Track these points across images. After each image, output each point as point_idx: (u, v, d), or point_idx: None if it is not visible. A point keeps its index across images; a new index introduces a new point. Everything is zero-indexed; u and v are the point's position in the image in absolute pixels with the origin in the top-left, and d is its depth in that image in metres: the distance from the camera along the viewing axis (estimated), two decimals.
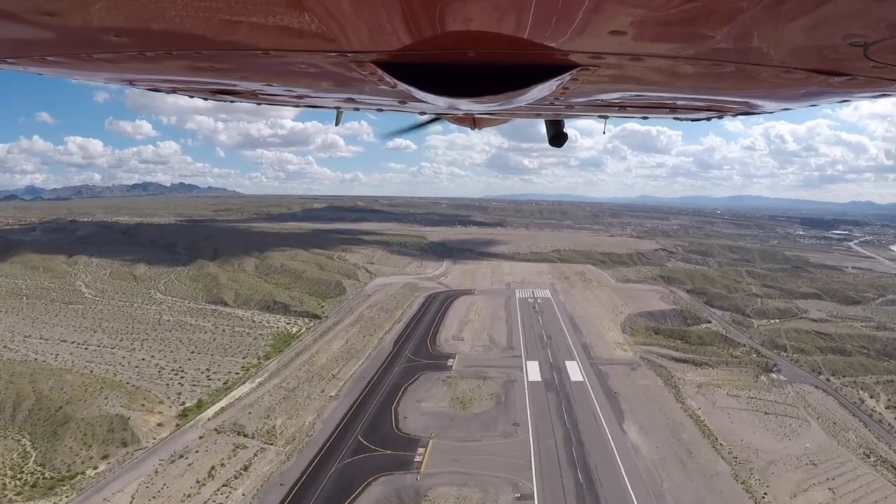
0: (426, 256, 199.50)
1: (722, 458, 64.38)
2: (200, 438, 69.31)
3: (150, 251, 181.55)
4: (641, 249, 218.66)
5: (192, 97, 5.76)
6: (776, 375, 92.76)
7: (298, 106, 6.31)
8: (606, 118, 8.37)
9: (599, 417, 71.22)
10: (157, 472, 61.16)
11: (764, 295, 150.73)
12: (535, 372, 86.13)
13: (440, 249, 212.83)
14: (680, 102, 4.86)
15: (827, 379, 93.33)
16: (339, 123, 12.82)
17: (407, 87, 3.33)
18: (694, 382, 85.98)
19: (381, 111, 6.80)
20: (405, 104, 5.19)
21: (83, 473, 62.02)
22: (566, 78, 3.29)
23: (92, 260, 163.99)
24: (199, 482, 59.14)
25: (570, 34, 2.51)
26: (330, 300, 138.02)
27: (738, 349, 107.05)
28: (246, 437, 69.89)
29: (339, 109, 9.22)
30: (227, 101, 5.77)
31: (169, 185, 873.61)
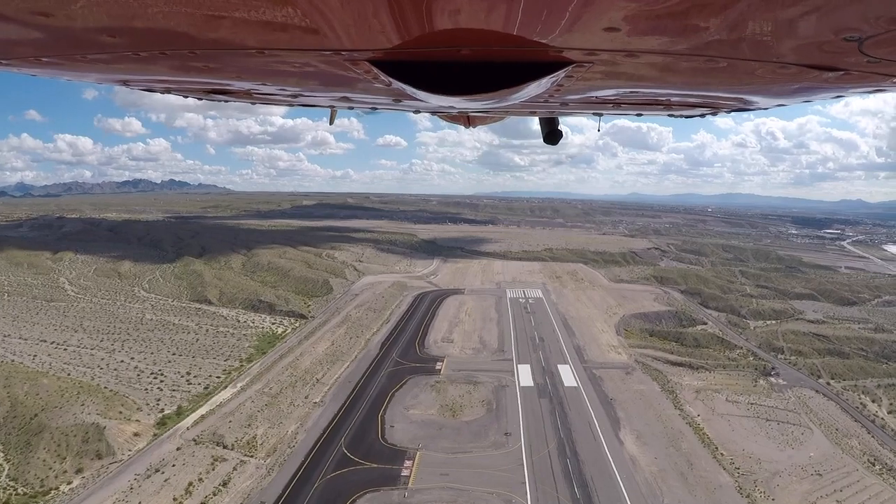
0: (416, 254, 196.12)
1: (724, 469, 61.37)
2: (178, 450, 65.66)
3: (136, 248, 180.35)
4: (634, 248, 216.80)
5: (186, 97, 5.78)
6: (775, 379, 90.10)
7: (293, 105, 6.24)
8: (601, 115, 7.89)
9: (595, 426, 67.96)
10: (132, 488, 57.59)
11: (759, 296, 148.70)
12: (527, 376, 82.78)
13: (430, 247, 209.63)
14: (674, 99, 4.82)
15: (827, 383, 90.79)
16: (333, 122, 12.65)
17: (401, 85, 3.31)
18: (691, 387, 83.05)
19: (375, 109, 6.75)
20: (400, 102, 5.06)
21: (57, 489, 58.65)
22: (560, 75, 3.25)
23: (77, 257, 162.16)
24: (175, 500, 55.63)
25: (563, 31, 2.51)
26: (317, 299, 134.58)
27: (734, 352, 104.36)
28: (225, 448, 66.31)
29: (333, 108, 9.17)
30: (220, 100, 5.79)
31: (159, 182, 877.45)
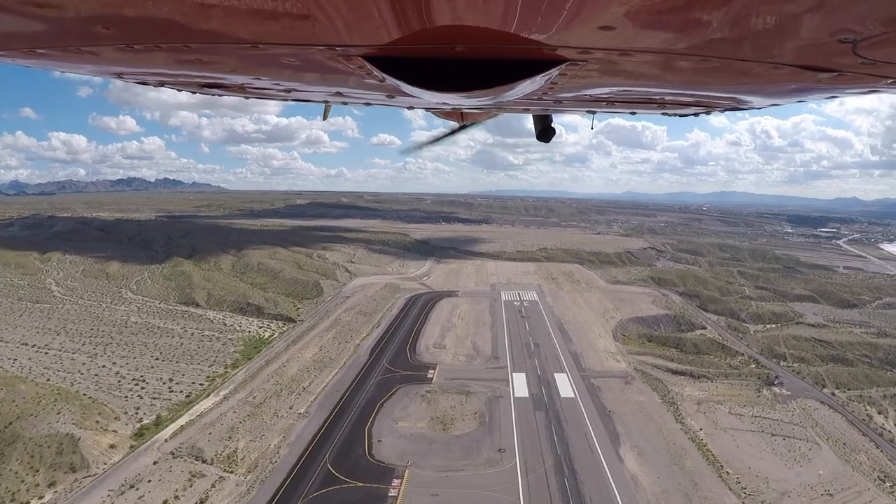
0: (409, 255, 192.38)
1: (730, 489, 57.93)
2: (155, 464, 62.06)
3: (125, 248, 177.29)
4: (630, 248, 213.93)
5: (179, 90, 5.76)
6: (779, 389, 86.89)
7: (286, 100, 6.16)
8: (594, 113, 7.51)
9: (593, 441, 64.42)
10: None
11: (758, 298, 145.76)
12: (521, 386, 79.19)
13: (423, 248, 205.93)
14: (668, 98, 4.81)
15: (832, 393, 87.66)
16: (326, 118, 12.37)
17: (395, 81, 3.30)
18: (693, 398, 79.69)
19: (368, 105, 6.62)
20: (393, 98, 5.06)
21: None
22: (554, 73, 3.27)
23: (66, 257, 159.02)
24: None
25: (558, 29, 2.51)
26: (306, 301, 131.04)
27: (735, 358, 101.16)
28: (204, 462, 62.62)
29: (326, 103, 8.92)
30: (214, 94, 5.70)
31: (153, 180, 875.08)
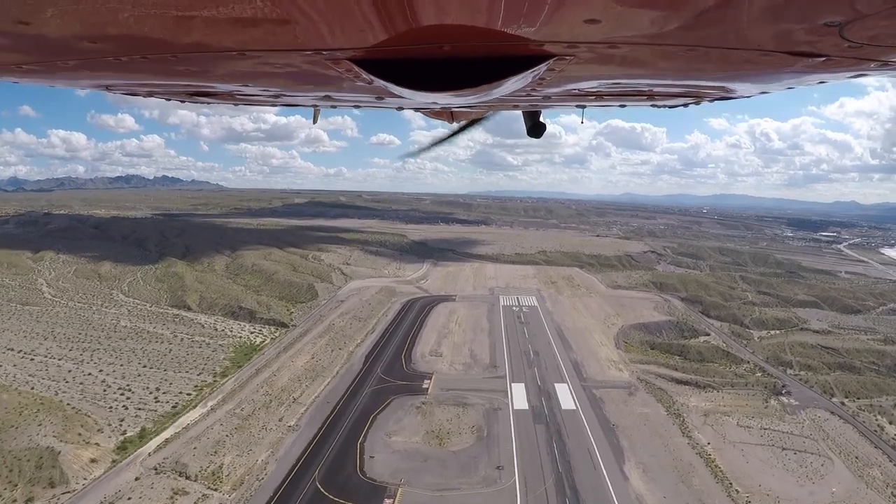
0: (406, 257, 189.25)
1: None
2: (136, 480, 59.28)
3: (119, 247, 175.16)
4: (630, 251, 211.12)
5: (168, 100, 5.71)
6: (787, 399, 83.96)
7: (275, 105, 6.22)
8: (584, 107, 7.38)
9: (596, 457, 61.31)
10: None
11: (761, 303, 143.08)
12: (521, 397, 76.06)
13: (421, 249, 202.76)
14: (657, 89, 4.77)
15: (841, 402, 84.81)
16: (316, 121, 12.01)
17: (384, 83, 3.32)
18: (699, 409, 76.66)
19: (358, 108, 6.69)
20: (382, 100, 5.08)
21: None
22: (542, 69, 3.26)
23: (59, 256, 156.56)
24: None
25: (543, 24, 2.50)
26: (300, 305, 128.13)
27: (741, 366, 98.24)
28: (188, 479, 59.67)
29: (316, 107, 8.90)
30: (203, 102, 5.72)
31: (152, 178, 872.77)
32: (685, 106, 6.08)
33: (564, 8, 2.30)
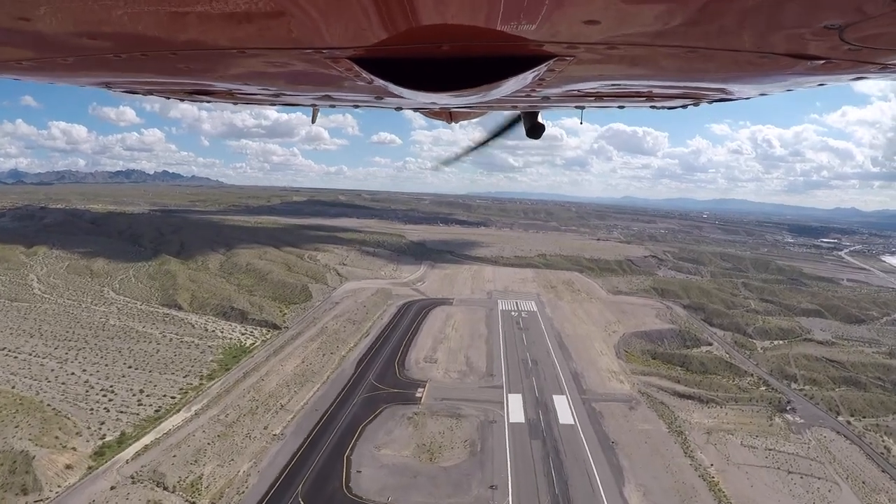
0: (403, 258, 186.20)
1: None
2: (112, 490, 56.49)
3: (114, 243, 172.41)
4: (630, 256, 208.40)
5: (168, 98, 5.70)
6: (791, 416, 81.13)
7: (274, 104, 6.18)
8: (583, 108, 7.44)
9: (594, 478, 58.33)
10: None
11: (764, 311, 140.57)
12: (517, 409, 73.11)
13: (419, 250, 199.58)
14: (656, 90, 4.78)
15: (847, 421, 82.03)
16: (315, 120, 11.88)
17: (383, 82, 3.32)
18: (702, 426, 73.79)
19: (357, 107, 6.63)
20: (382, 100, 5.04)
21: None
22: (542, 69, 3.27)
23: (52, 251, 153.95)
24: None
25: (543, 25, 2.51)
26: (294, 306, 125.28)
27: (744, 379, 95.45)
28: (165, 489, 56.93)
29: (315, 107, 8.71)
30: (202, 100, 5.69)
31: (152, 172, 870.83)
32: (684, 107, 5.97)
33: (564, 8, 2.31)
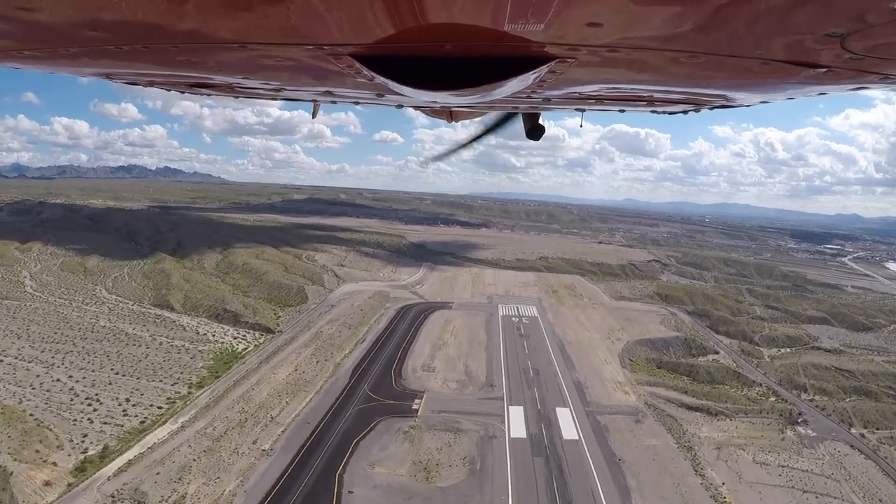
0: (402, 260, 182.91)
1: None
2: None
3: (110, 240, 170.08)
4: (633, 260, 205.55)
5: (169, 90, 5.71)
6: (803, 429, 77.98)
7: (275, 99, 6.17)
8: (583, 111, 7.23)
9: (601, 500, 55.25)
10: None
11: (770, 318, 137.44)
12: (519, 423, 69.86)
13: (419, 252, 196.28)
14: (657, 95, 4.81)
15: (861, 434, 78.92)
16: (315, 116, 12.01)
17: (385, 80, 3.31)
18: (712, 441, 70.62)
19: (358, 104, 6.65)
20: (382, 97, 5.07)
21: None
22: (543, 70, 3.28)
23: (47, 248, 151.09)
24: None
25: (546, 26, 2.51)
26: (289, 309, 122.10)
27: (753, 389, 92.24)
28: None
29: (316, 102, 8.91)
30: (203, 94, 5.71)
31: (153, 168, 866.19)
32: (685, 113, 5.95)
33: (568, 10, 2.29)
